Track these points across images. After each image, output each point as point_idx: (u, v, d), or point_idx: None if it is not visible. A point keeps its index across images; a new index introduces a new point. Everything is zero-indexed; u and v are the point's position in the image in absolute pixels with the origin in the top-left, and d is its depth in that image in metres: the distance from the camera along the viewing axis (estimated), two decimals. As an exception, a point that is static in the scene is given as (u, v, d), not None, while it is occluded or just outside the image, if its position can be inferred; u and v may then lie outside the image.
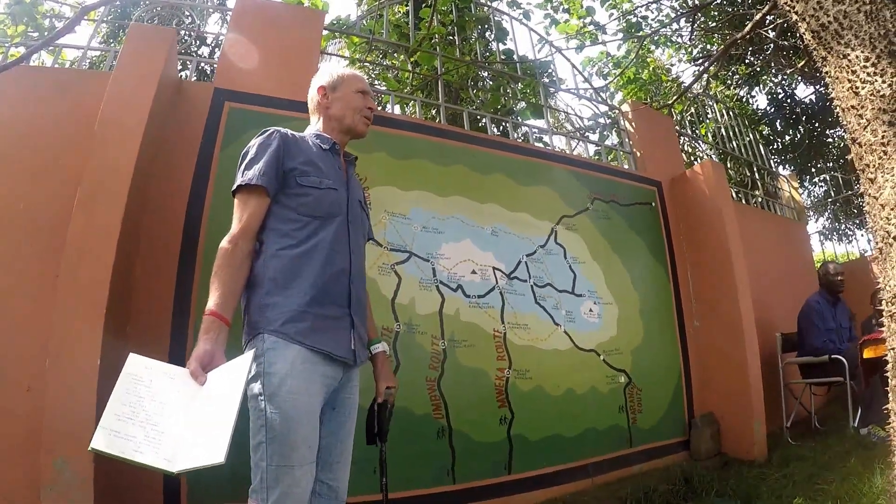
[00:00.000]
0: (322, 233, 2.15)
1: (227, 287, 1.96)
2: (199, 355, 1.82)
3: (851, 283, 6.61)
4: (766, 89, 12.56)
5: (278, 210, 2.14)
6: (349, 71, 2.48)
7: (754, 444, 4.91)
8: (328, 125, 2.41)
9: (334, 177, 2.27)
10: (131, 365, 1.75)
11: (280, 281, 2.04)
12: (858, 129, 2.68)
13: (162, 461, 1.57)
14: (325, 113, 2.41)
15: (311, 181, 2.16)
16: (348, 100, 2.39)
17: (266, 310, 2.01)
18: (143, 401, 1.67)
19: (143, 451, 1.56)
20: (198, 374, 1.79)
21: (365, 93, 2.44)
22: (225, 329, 1.91)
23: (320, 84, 2.42)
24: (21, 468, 2.78)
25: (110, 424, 1.58)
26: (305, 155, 2.22)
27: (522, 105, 6.53)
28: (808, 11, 2.88)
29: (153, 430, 1.62)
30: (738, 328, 5.24)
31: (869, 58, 2.65)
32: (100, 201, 3.01)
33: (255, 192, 2.09)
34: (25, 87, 3.49)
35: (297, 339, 1.96)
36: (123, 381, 1.69)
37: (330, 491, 2.12)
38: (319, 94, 2.42)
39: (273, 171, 2.11)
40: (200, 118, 3.80)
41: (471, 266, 4.40)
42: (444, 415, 3.92)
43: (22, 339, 3.00)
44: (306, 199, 2.15)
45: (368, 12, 6.32)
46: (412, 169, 4.40)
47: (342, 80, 2.41)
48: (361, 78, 2.48)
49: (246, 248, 2.05)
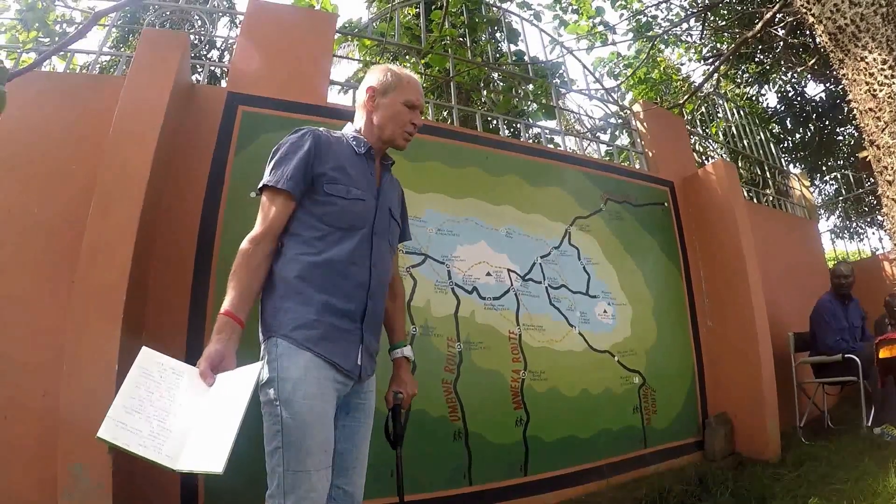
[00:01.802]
0: (342, 244, 2.10)
1: (244, 287, 1.94)
2: (209, 355, 1.81)
3: (863, 281, 6.59)
4: (777, 88, 12.53)
5: (302, 216, 2.11)
6: (407, 76, 2.34)
7: (768, 443, 4.91)
8: (369, 129, 2.31)
9: (364, 185, 2.21)
10: (143, 359, 1.77)
11: (296, 286, 2.02)
12: (876, 132, 2.69)
13: (165, 458, 1.59)
14: (369, 116, 2.31)
15: (337, 189, 2.11)
16: (394, 110, 2.28)
17: (279, 314, 1.99)
18: (152, 395, 1.69)
19: (146, 446, 1.58)
20: (207, 374, 1.79)
21: (414, 106, 2.31)
22: (238, 330, 1.90)
23: (370, 84, 2.31)
24: (37, 473, 2.80)
25: (118, 416, 1.60)
26: (337, 159, 2.17)
27: (534, 106, 6.52)
28: (825, 14, 2.89)
29: (159, 426, 1.63)
30: (751, 328, 5.24)
31: (886, 60, 2.65)
32: (115, 206, 3.02)
33: (281, 194, 2.07)
34: (38, 93, 3.51)
35: (306, 345, 1.94)
36: (134, 373, 1.71)
37: (346, 496, 2.11)
38: (367, 94, 2.31)
39: (300, 175, 2.07)
40: (214, 122, 3.81)
41: (486, 268, 4.41)
42: (460, 417, 3.94)
43: (38, 343, 3.01)
44: (331, 209, 2.10)
45: (379, 14, 6.31)
46: (426, 171, 4.41)
47: (394, 86, 2.29)
48: (416, 87, 2.34)
49: (266, 249, 2.03)
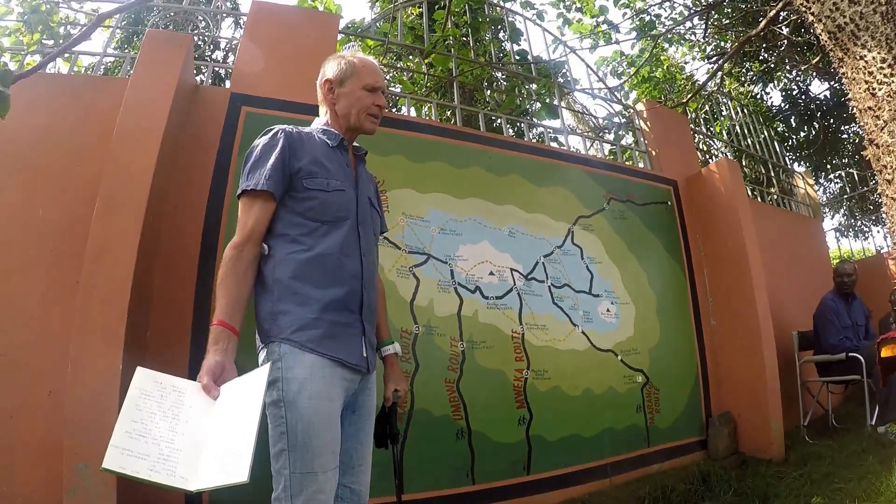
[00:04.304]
0: (331, 237, 2.08)
1: (234, 295, 1.90)
2: (209, 368, 1.77)
3: (868, 280, 6.58)
4: (781, 86, 12.48)
5: (285, 214, 2.08)
6: (361, 61, 2.31)
7: (772, 442, 4.91)
8: (335, 120, 2.31)
9: (342, 176, 2.19)
10: (139, 379, 1.67)
11: (290, 287, 1.99)
12: (875, 131, 2.69)
13: (179, 480, 1.52)
14: (332, 108, 2.30)
15: (317, 183, 2.09)
16: (355, 97, 2.26)
17: (277, 318, 1.96)
18: (155, 417, 1.60)
19: (158, 471, 1.51)
20: (210, 388, 1.73)
21: (374, 89, 2.28)
22: (234, 339, 1.86)
23: (327, 77, 2.30)
24: (42, 472, 2.81)
25: (121, 443, 1.51)
26: (311, 154, 2.14)
27: (538, 106, 6.52)
28: (825, 12, 2.89)
29: (168, 448, 1.56)
30: (754, 326, 5.23)
31: (886, 59, 2.65)
32: (119, 207, 3.03)
33: (261, 196, 2.03)
34: (42, 95, 3.51)
35: (310, 346, 1.91)
36: (133, 395, 1.62)
37: (352, 494, 2.09)
38: (325, 87, 2.30)
39: (279, 175, 2.04)
40: (218, 123, 3.82)
41: (488, 267, 4.42)
42: (463, 416, 3.94)
43: (43, 344, 3.03)
44: (313, 203, 2.08)
45: (382, 15, 6.32)
46: (429, 171, 4.42)
47: (351, 73, 2.27)
48: (372, 70, 2.31)
49: (250, 254, 1.99)
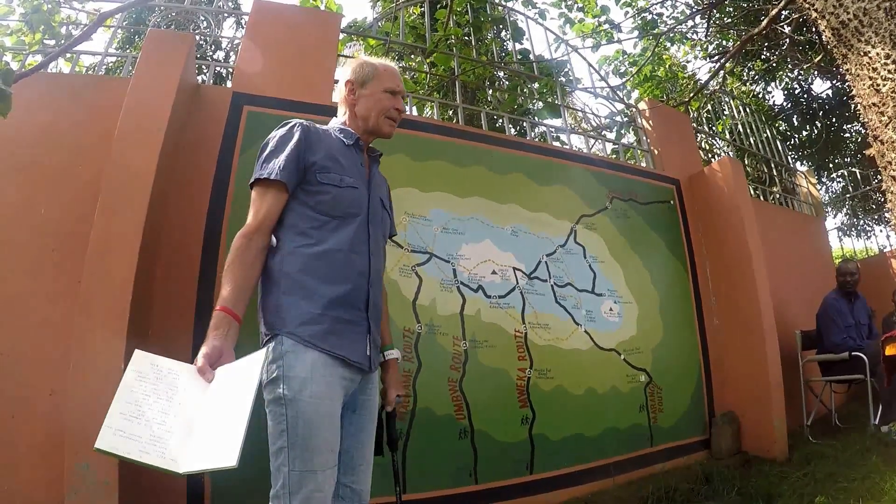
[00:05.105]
0: (341, 233, 2.09)
1: (240, 283, 1.90)
2: (207, 352, 1.77)
3: (870, 279, 6.57)
4: (783, 85, 12.50)
5: (296, 207, 2.09)
6: (383, 65, 2.36)
7: (775, 442, 4.89)
8: (353, 121, 2.32)
9: (356, 174, 2.21)
10: (136, 362, 1.70)
11: (297, 280, 1.99)
12: (880, 127, 2.68)
13: (169, 462, 1.52)
14: (351, 109, 2.33)
15: (330, 178, 2.10)
16: (375, 99, 2.29)
17: (282, 310, 1.96)
18: (149, 399, 1.62)
19: (148, 452, 1.51)
20: (205, 370, 1.73)
21: (395, 93, 2.32)
22: (235, 325, 1.86)
23: (348, 78, 2.33)
24: (43, 471, 2.81)
25: (115, 423, 1.53)
26: (327, 149, 2.16)
27: (540, 105, 6.52)
28: (828, 9, 2.88)
29: (160, 429, 1.57)
30: (757, 326, 5.22)
31: (890, 55, 2.64)
32: (121, 206, 3.03)
33: (274, 186, 2.05)
34: (43, 94, 3.51)
35: (313, 342, 1.91)
36: (129, 377, 1.64)
37: (353, 494, 2.10)
38: (346, 88, 2.33)
39: (293, 166, 2.05)
40: (219, 122, 3.82)
41: (491, 266, 4.41)
42: (465, 415, 3.93)
43: (44, 343, 3.03)
44: (325, 198, 2.09)
45: (384, 14, 6.32)
46: (431, 170, 4.41)
47: (373, 76, 2.30)
48: (394, 74, 2.35)
49: (260, 243, 1.99)
